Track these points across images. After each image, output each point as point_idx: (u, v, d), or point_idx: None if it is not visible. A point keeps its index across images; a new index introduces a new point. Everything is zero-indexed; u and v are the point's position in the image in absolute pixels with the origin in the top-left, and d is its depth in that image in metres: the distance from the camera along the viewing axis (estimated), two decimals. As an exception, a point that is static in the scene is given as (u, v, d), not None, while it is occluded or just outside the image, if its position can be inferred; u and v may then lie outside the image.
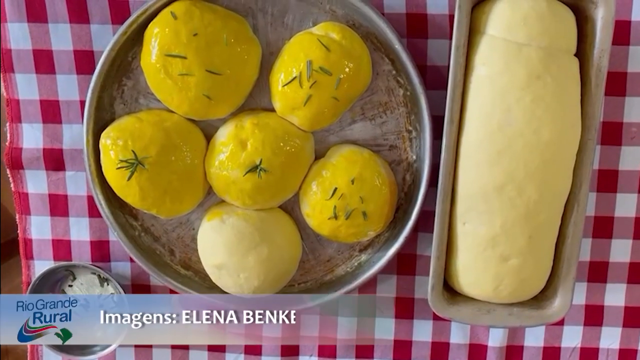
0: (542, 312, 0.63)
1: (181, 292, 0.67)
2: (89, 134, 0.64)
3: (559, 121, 0.57)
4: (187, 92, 0.61)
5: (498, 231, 0.59)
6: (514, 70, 0.56)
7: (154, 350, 0.73)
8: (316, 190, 0.63)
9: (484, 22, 0.58)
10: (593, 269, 0.69)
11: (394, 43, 0.61)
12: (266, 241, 0.64)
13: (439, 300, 0.62)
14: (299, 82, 0.60)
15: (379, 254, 0.66)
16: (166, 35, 0.60)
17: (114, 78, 0.64)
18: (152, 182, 0.62)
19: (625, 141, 0.66)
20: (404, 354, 0.72)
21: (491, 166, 0.58)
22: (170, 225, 0.68)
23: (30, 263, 0.72)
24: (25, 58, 0.66)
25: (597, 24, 0.57)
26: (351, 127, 0.65)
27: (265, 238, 0.64)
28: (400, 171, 0.66)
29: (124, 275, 0.71)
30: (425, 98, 0.61)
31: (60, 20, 0.65)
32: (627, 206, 0.67)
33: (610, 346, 0.70)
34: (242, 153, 0.61)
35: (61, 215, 0.70)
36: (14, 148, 0.69)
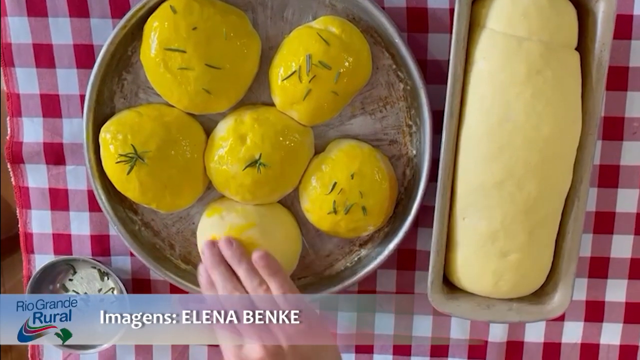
0: (542, 307, 0.63)
1: (181, 287, 0.67)
2: (89, 129, 0.64)
3: (559, 116, 0.57)
4: (186, 86, 0.61)
5: (498, 226, 0.59)
6: (514, 65, 0.56)
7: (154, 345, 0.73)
8: (316, 185, 0.63)
9: (484, 16, 0.58)
10: (594, 265, 0.68)
11: (394, 37, 0.61)
12: (266, 237, 0.64)
13: (439, 295, 0.62)
14: (298, 77, 0.60)
15: (379, 248, 0.66)
16: (166, 30, 0.60)
17: (114, 72, 0.64)
18: (151, 176, 0.62)
19: (626, 136, 0.65)
20: (403, 349, 0.72)
21: (491, 162, 0.58)
22: (170, 219, 0.68)
23: (31, 257, 0.72)
24: (25, 52, 0.66)
25: (598, 18, 0.57)
26: (351, 121, 0.65)
27: (265, 234, 0.64)
28: (400, 166, 0.66)
29: (124, 269, 0.71)
30: (426, 92, 0.61)
31: (60, 15, 0.65)
32: (628, 201, 0.67)
33: (610, 342, 0.70)
34: (241, 148, 0.61)
35: (61, 209, 0.70)
36: (15, 142, 0.69)
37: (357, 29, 0.62)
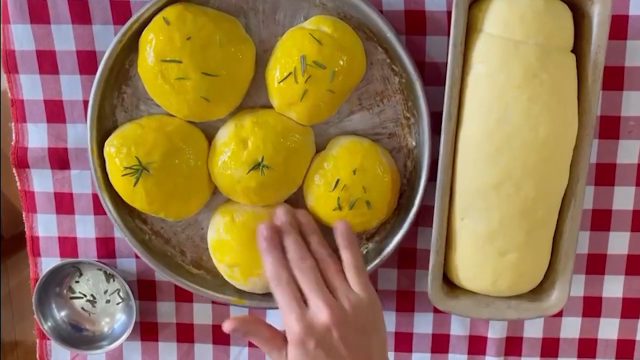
0: (540, 304, 0.63)
1: (194, 292, 0.68)
2: (93, 143, 0.64)
3: (555, 119, 0.57)
4: (185, 95, 0.61)
5: (496, 227, 0.60)
6: (511, 68, 0.57)
7: (160, 344, 0.74)
8: (319, 182, 0.64)
9: (481, 19, 0.58)
10: (591, 262, 0.69)
11: (386, 31, 0.61)
12: None
13: (439, 294, 0.63)
14: (294, 78, 0.60)
15: (386, 241, 0.66)
16: (160, 41, 0.60)
17: (114, 86, 0.64)
18: (158, 186, 0.63)
19: (622, 135, 0.66)
20: (405, 345, 0.73)
21: (489, 164, 0.58)
22: (180, 226, 0.68)
23: (37, 260, 0.73)
24: (28, 59, 0.67)
25: (594, 21, 0.58)
26: (350, 118, 0.65)
27: None
28: (401, 158, 0.66)
29: (129, 271, 0.72)
30: (421, 83, 0.61)
31: (62, 21, 0.65)
32: (624, 199, 0.67)
33: (608, 337, 0.71)
34: (243, 152, 0.62)
35: (67, 213, 0.71)
36: (20, 147, 0.69)
37: (349, 26, 0.62)
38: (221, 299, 0.68)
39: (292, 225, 0.61)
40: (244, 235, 0.64)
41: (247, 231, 0.64)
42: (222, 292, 0.68)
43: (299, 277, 0.57)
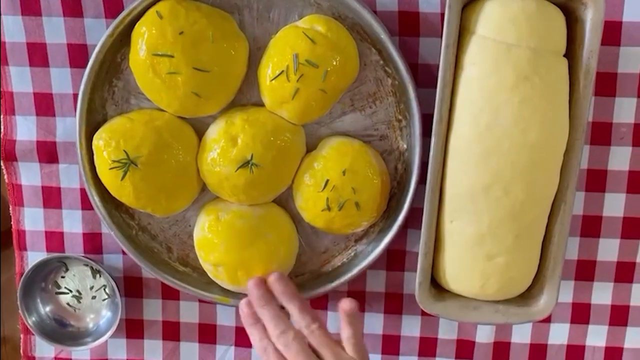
0: (528, 309, 0.63)
1: (180, 289, 0.68)
2: (82, 137, 0.64)
3: (546, 122, 0.57)
4: (175, 90, 0.61)
5: (485, 230, 0.59)
6: (503, 71, 0.57)
7: (145, 342, 0.74)
8: (308, 182, 0.63)
9: (474, 21, 0.58)
10: (581, 268, 0.69)
11: (380, 33, 0.61)
12: (262, 237, 0.64)
13: (426, 296, 0.63)
14: (286, 76, 0.60)
15: (375, 243, 0.66)
16: (153, 35, 0.60)
17: (104, 79, 0.64)
18: (145, 181, 0.62)
19: (614, 141, 0.66)
20: (392, 348, 0.72)
21: (479, 166, 0.58)
22: (167, 223, 0.68)
23: (23, 254, 0.72)
24: (19, 51, 0.66)
25: (586, 25, 0.57)
26: (341, 118, 0.65)
27: (261, 234, 0.64)
28: (392, 160, 0.66)
29: (116, 267, 0.72)
30: (414, 86, 0.61)
31: (54, 14, 0.65)
32: (615, 206, 0.67)
33: (596, 344, 0.71)
34: (233, 149, 0.62)
35: (54, 207, 0.71)
36: (8, 140, 0.69)
37: (343, 26, 0.62)
38: (207, 297, 0.68)
39: (265, 298, 0.61)
40: (228, 234, 0.64)
41: (232, 230, 0.64)
42: (209, 290, 0.68)
43: (284, 352, 0.58)
